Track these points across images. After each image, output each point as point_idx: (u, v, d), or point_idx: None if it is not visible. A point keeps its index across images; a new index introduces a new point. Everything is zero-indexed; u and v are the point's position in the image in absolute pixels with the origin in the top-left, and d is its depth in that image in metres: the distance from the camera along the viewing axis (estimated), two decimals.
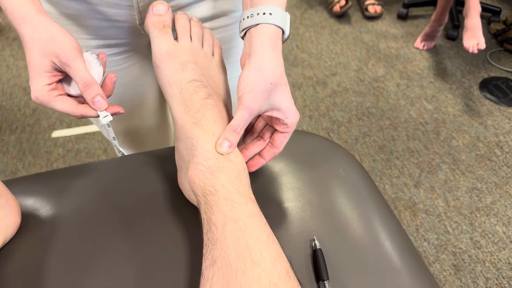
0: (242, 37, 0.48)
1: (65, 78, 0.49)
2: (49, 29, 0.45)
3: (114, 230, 0.49)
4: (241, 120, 0.44)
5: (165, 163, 0.56)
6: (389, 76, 1.94)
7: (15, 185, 0.53)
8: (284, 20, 0.46)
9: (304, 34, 2.21)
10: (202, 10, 0.62)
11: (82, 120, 1.72)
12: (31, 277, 0.45)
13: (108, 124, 0.52)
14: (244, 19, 0.46)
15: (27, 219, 0.50)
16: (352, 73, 1.96)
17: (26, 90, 1.87)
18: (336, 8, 2.29)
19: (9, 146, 1.63)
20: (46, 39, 0.45)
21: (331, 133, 1.68)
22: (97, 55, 0.50)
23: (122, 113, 0.50)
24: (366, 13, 2.30)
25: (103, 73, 0.50)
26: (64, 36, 0.46)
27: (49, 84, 0.46)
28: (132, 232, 0.49)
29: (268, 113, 0.46)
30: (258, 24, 0.45)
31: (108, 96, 0.49)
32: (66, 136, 1.67)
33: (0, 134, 1.68)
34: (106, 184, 0.55)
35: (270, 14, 0.45)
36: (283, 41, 0.47)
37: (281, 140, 0.48)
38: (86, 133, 1.67)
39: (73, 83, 0.49)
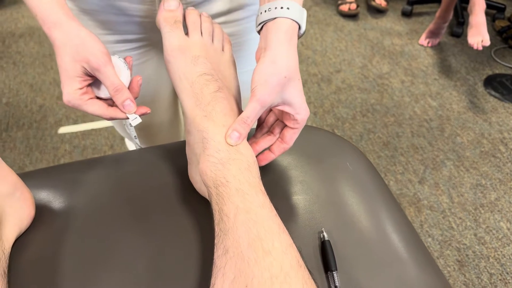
0: (259, 32, 0.48)
1: (94, 82, 0.51)
2: (80, 35, 0.47)
3: (125, 223, 0.50)
4: (252, 111, 0.44)
5: (176, 156, 0.57)
6: (394, 73, 1.94)
7: (30, 178, 0.54)
8: (301, 15, 0.46)
9: (309, 31, 2.22)
10: (220, 4, 0.62)
11: (89, 116, 1.73)
12: (44, 268, 0.45)
13: (130, 124, 0.53)
14: (261, 13, 0.47)
15: (41, 211, 0.51)
16: (357, 70, 1.96)
17: (33, 87, 1.88)
18: (345, 7, 2.28)
19: (16, 142, 1.64)
20: (77, 45, 0.46)
21: (335, 129, 1.68)
22: (124, 59, 0.52)
23: (149, 113, 0.52)
24: (372, 3, 2.29)
25: (130, 77, 0.52)
26: (94, 42, 0.47)
27: (80, 89, 0.48)
28: (144, 224, 0.49)
29: (279, 107, 0.46)
30: (275, 18, 0.45)
31: (134, 98, 0.51)
32: (72, 132, 1.68)
33: (7, 130, 1.69)
34: (117, 177, 0.56)
35: (288, 8, 0.45)
36: (299, 37, 0.47)
37: (291, 135, 0.48)
38: (92, 129, 1.69)
39: (102, 87, 0.50)
